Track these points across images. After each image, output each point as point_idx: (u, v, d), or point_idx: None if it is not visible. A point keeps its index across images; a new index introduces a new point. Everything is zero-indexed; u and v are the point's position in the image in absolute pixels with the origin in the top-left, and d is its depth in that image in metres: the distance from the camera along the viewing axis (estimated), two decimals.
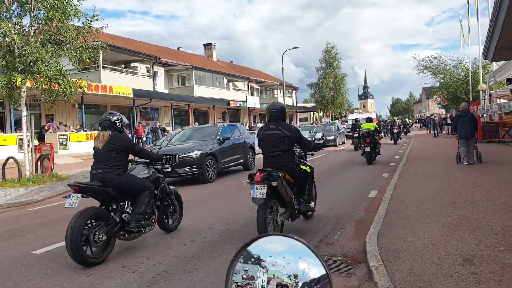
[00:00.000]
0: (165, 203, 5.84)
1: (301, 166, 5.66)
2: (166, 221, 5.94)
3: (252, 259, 1.27)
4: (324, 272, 1.17)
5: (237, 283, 1.27)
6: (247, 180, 5.01)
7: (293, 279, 1.20)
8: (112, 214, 4.92)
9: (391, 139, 25.84)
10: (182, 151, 11.20)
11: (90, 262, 4.54)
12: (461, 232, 4.90)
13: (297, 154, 5.89)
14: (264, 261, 1.25)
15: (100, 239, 4.63)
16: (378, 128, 15.08)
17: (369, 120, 15.63)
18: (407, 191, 7.98)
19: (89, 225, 4.62)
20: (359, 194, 8.52)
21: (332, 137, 24.99)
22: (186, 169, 10.94)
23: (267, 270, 1.24)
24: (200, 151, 11.27)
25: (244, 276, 1.26)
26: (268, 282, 1.23)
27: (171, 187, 6.05)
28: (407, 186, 8.52)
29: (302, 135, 5.70)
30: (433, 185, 8.45)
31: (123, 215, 5.00)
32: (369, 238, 4.90)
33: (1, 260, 5.08)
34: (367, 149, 13.80)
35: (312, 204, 6.13)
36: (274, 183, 4.86)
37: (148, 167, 5.67)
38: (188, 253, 4.98)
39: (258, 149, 11.41)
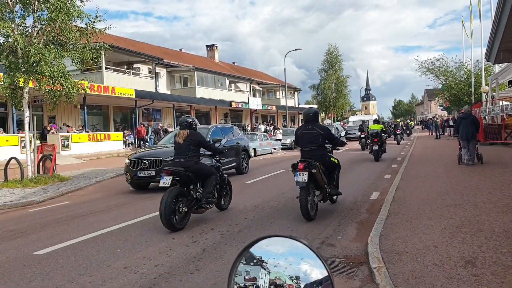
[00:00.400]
0: (221, 187, 7.33)
1: (331, 158, 6.96)
2: (221, 201, 7.40)
3: (254, 261, 1.27)
4: (326, 273, 1.17)
5: (239, 284, 1.28)
6: (291, 168, 6.33)
7: (295, 281, 1.20)
8: (191, 192, 6.43)
9: (394, 140, 26.89)
10: (168, 154, 9.99)
11: (175, 227, 6.01)
12: (463, 234, 4.89)
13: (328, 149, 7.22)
14: (266, 263, 1.26)
15: (183, 211, 6.15)
16: (384, 129, 16.89)
17: (377, 121, 17.54)
18: (409, 192, 7.96)
19: (175, 200, 6.01)
20: (360, 195, 8.51)
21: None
22: None
23: (269, 272, 1.24)
24: None
25: (246, 278, 1.27)
26: (270, 284, 1.23)
27: (225, 175, 7.58)
28: (409, 188, 8.51)
29: (332, 133, 7.18)
30: (435, 187, 8.44)
31: (196, 194, 6.49)
32: (371, 239, 4.89)
33: (3, 260, 5.09)
34: (375, 147, 15.43)
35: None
36: (313, 170, 6.18)
37: (211, 158, 7.50)
38: (190, 254, 4.98)
39: (260, 151, 11.37)
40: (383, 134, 16.04)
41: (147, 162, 10.28)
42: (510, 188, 7.63)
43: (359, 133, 22.49)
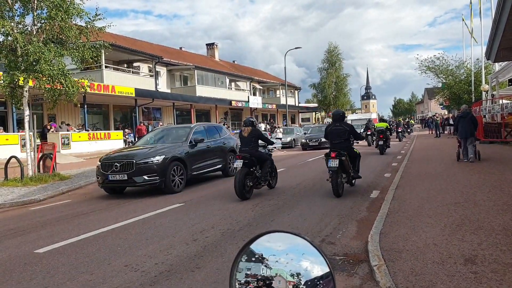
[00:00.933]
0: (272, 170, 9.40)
1: (354, 149, 8.77)
2: (270, 181, 9.31)
3: (255, 257, 1.28)
4: (327, 270, 1.17)
5: (240, 281, 1.28)
6: (324, 156, 8.16)
7: (296, 277, 1.20)
8: (254, 172, 8.55)
9: (396, 137, 28.18)
10: (141, 156, 9.49)
11: (245, 197, 8.24)
12: (463, 232, 4.90)
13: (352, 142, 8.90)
14: (267, 259, 1.26)
15: (249, 185, 8.41)
16: (389, 127, 19.43)
17: (382, 120, 20.96)
18: (409, 191, 7.97)
19: (244, 177, 8.26)
20: (361, 194, 8.52)
21: (324, 140, 24.46)
22: (145, 177, 9.24)
23: (270, 268, 1.24)
24: (163, 156, 9.59)
25: (247, 274, 1.27)
26: (271, 280, 1.23)
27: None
28: (409, 186, 8.52)
29: (355, 129, 8.98)
30: (435, 185, 8.44)
31: (257, 173, 8.63)
32: (371, 237, 4.90)
33: (4, 259, 5.10)
34: (381, 142, 17.87)
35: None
36: (343, 158, 7.95)
37: (264, 148, 9.55)
38: (191, 252, 4.99)
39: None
40: (387, 131, 18.39)
41: (118, 165, 9.34)
42: (510, 186, 7.64)
43: (364, 131, 24.33)
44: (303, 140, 24.47)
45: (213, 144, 11.74)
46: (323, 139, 22.58)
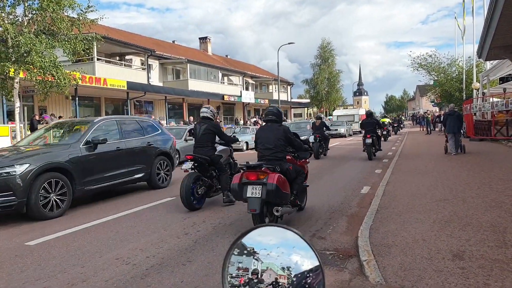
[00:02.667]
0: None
1: (378, 134, 15.18)
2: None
3: (246, 251, 1.30)
4: (317, 263, 1.20)
5: (232, 274, 1.30)
6: (363, 137, 13.75)
7: (287, 271, 1.23)
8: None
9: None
10: (5, 163, 6.49)
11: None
12: (452, 228, 4.97)
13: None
14: (258, 253, 1.28)
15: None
16: (390, 122, 24.53)
17: (384, 116, 27.90)
18: (399, 187, 8.05)
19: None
20: (351, 189, 8.58)
21: (303, 138, 19.61)
22: None
23: (261, 262, 1.26)
24: (28, 165, 6.52)
25: (238, 267, 1.29)
26: (262, 274, 1.25)
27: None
28: (399, 182, 8.60)
29: (379, 122, 15.91)
30: (425, 181, 8.54)
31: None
32: (361, 233, 4.96)
33: None
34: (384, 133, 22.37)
35: None
36: (374, 137, 14.29)
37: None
38: (182, 246, 5.01)
39: (253, 145, 11.01)
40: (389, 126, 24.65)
41: None
42: (499, 184, 7.75)
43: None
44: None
45: (129, 146, 8.74)
46: (303, 138, 19.99)
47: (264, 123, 6.23)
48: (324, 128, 15.75)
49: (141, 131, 9.50)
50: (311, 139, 14.48)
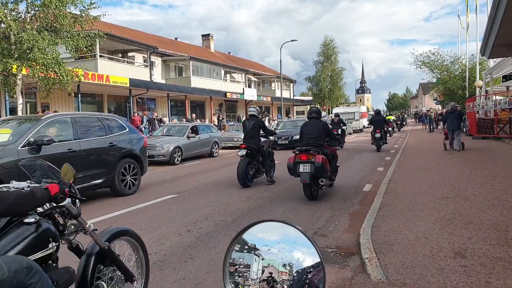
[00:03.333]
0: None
1: (386, 129, 17.88)
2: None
3: (247, 247, 1.30)
4: (318, 259, 1.20)
5: (232, 271, 1.30)
6: (372, 131, 16.29)
7: (288, 267, 1.23)
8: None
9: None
10: None
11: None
12: (454, 226, 4.96)
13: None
14: (259, 250, 1.28)
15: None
16: (395, 119, 26.07)
17: (390, 114, 28.88)
18: (402, 185, 8.04)
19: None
20: (353, 187, 8.58)
21: (298, 137, 18.53)
22: None
23: (262, 259, 1.26)
24: None
25: (239, 264, 1.29)
26: (263, 271, 1.25)
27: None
28: (402, 180, 8.58)
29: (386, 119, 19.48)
30: (427, 179, 8.52)
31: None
32: (363, 230, 4.95)
33: None
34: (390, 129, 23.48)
35: None
36: (382, 132, 16.74)
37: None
38: (184, 243, 5.01)
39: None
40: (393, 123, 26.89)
41: None
42: (501, 182, 7.73)
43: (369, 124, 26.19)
44: (271, 138, 20.62)
45: (85, 147, 7.61)
46: (297, 137, 16.95)
47: (307, 119, 8.26)
48: (341, 124, 18.43)
49: (103, 130, 8.30)
50: None
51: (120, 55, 29.66)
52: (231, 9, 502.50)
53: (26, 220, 2.09)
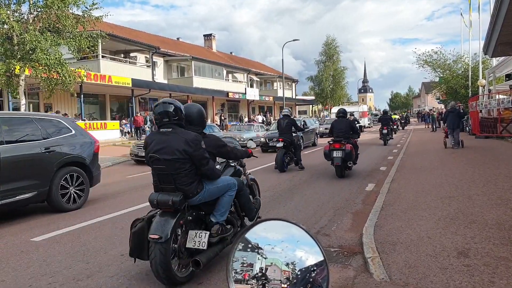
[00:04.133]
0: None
1: (394, 127, 22.08)
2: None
3: (250, 246, 1.30)
4: (321, 258, 1.20)
5: (236, 269, 1.30)
6: (379, 129, 19.09)
7: (291, 266, 1.23)
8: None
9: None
10: None
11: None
12: (457, 225, 4.95)
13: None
14: (262, 249, 1.28)
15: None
16: (399, 118, 28.60)
17: (394, 114, 32.13)
18: (404, 184, 8.02)
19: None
20: (356, 187, 8.57)
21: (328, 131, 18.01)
22: None
23: (265, 258, 1.26)
24: None
25: (243, 263, 1.29)
26: (266, 269, 1.25)
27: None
28: (404, 180, 8.57)
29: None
30: (430, 179, 8.50)
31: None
32: (365, 230, 4.95)
33: (0, 247, 5.11)
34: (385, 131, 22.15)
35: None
36: (389, 128, 20.40)
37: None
38: None
39: (258, 142, 10.96)
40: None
41: None
42: (504, 181, 7.70)
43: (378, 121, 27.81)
44: (262, 139, 18.76)
45: (9, 154, 6.22)
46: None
47: (336, 118, 10.73)
48: (356, 122, 19.25)
49: (39, 132, 6.90)
50: None
51: (122, 55, 29.72)
52: (232, 8, 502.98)
53: (232, 164, 4.82)
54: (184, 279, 3.67)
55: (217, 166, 4.41)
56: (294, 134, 11.57)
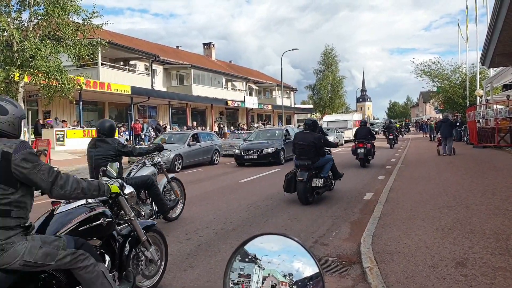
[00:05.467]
0: None
1: (396, 136, 27.75)
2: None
3: (249, 258, 1.30)
4: (317, 270, 1.21)
5: (234, 280, 1.31)
6: (385, 132, 26.08)
7: (288, 278, 1.23)
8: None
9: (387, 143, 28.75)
10: None
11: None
12: (455, 235, 4.95)
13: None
14: (260, 260, 1.29)
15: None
16: (400, 127, 32.33)
17: (396, 122, 34.45)
18: (402, 194, 8.03)
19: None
20: (354, 196, 8.57)
21: (270, 150, 15.65)
22: None
23: (263, 269, 1.27)
24: None
25: (240, 274, 1.30)
26: (263, 280, 1.26)
27: None
28: (402, 189, 8.57)
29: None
30: (428, 188, 8.51)
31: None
32: (363, 239, 4.94)
33: None
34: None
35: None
36: (391, 136, 25.16)
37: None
38: (184, 251, 5.00)
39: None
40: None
41: None
42: (502, 191, 7.71)
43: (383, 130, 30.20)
44: (236, 151, 16.60)
45: None
46: (270, 150, 15.70)
47: (358, 126, 14.25)
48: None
49: None
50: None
51: (122, 63, 29.81)
52: (231, 17, 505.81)
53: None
54: (311, 202, 7.55)
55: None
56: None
